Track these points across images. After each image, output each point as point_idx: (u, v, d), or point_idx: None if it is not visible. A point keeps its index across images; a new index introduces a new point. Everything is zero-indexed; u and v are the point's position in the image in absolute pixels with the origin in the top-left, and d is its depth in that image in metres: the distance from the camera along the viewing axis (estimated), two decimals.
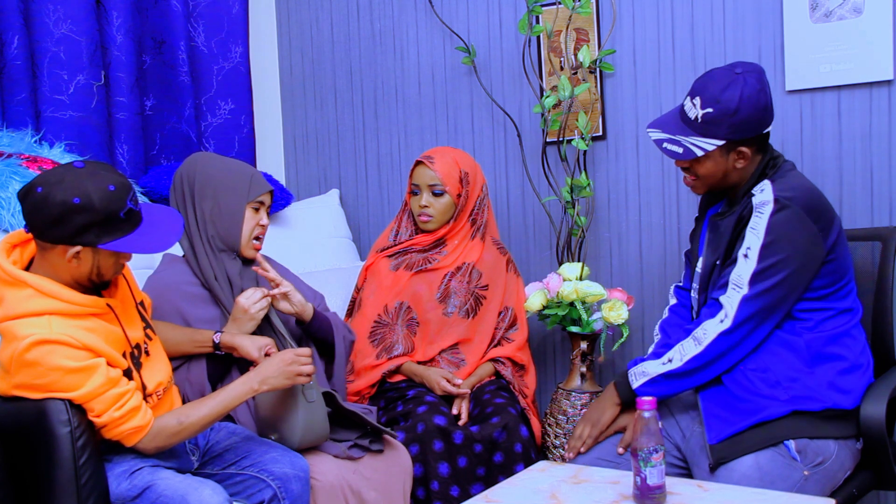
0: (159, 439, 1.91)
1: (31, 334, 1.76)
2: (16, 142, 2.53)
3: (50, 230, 1.79)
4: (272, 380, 2.04)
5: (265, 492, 2.01)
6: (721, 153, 2.05)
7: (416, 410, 2.46)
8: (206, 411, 1.96)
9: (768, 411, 1.96)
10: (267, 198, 2.35)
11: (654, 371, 2.07)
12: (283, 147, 3.59)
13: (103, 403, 1.82)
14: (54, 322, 1.79)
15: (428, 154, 2.73)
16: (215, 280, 2.28)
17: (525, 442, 2.44)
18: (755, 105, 2.00)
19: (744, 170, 2.07)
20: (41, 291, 1.81)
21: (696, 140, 2.04)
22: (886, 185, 2.49)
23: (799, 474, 1.91)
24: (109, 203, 1.79)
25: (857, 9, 2.45)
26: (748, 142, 2.04)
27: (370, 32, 3.35)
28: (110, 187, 1.80)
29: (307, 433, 2.15)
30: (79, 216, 1.77)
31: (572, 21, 2.80)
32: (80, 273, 1.85)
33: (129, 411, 1.85)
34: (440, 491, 2.37)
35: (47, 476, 1.80)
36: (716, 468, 1.94)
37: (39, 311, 1.79)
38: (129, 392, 1.86)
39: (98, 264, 1.85)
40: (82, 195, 1.76)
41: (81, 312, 1.84)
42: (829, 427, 1.96)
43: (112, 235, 1.81)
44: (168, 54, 3.10)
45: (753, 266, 1.96)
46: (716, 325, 2.00)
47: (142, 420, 1.87)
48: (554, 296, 2.70)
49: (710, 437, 1.97)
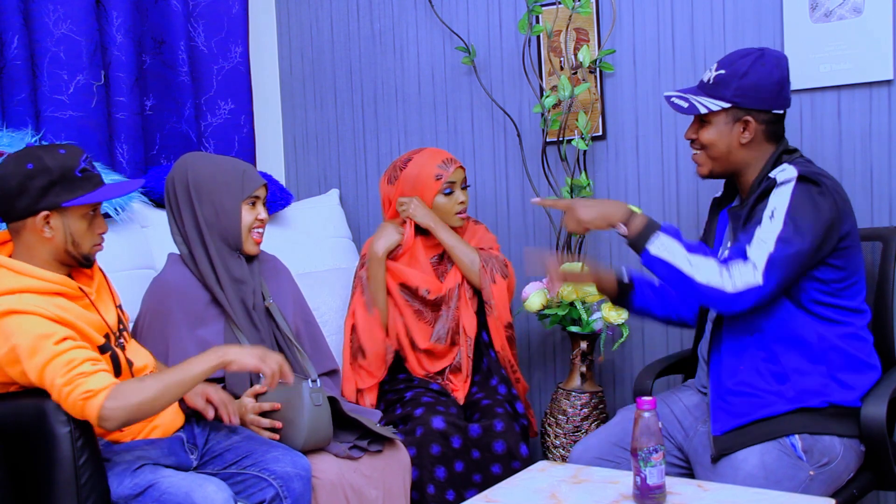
0: (121, 402, 1.77)
1: (2, 307, 1.79)
2: (16, 142, 2.53)
3: (14, 205, 1.86)
4: (238, 353, 1.92)
5: (267, 491, 2.01)
6: (726, 119, 2.05)
7: (414, 413, 2.46)
8: (173, 375, 1.87)
9: (774, 407, 1.96)
10: (262, 191, 2.36)
11: (673, 259, 1.94)
12: (283, 147, 3.59)
13: (51, 373, 1.77)
14: (25, 297, 1.82)
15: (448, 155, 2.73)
16: (217, 283, 2.28)
17: (524, 461, 2.44)
18: (767, 75, 2.01)
19: (750, 152, 2.06)
20: (14, 270, 1.85)
21: (703, 99, 2.06)
22: (886, 185, 2.49)
23: (805, 474, 1.91)
24: (63, 161, 1.87)
25: (857, 9, 2.45)
26: (756, 115, 2.03)
27: (370, 32, 3.35)
28: (60, 150, 1.89)
29: (312, 435, 2.17)
30: (36, 180, 1.84)
31: (572, 21, 2.80)
32: (55, 245, 1.89)
33: (77, 376, 1.77)
34: (436, 495, 2.37)
35: (47, 476, 1.80)
36: (717, 459, 1.94)
37: (12, 288, 1.82)
38: (80, 359, 1.79)
39: (70, 231, 1.90)
40: (34, 160, 1.86)
41: (53, 290, 1.86)
42: (833, 424, 1.96)
43: (73, 193, 1.87)
44: (168, 54, 3.10)
45: (780, 228, 1.90)
46: (747, 274, 1.90)
47: (96, 383, 1.77)
48: (554, 296, 2.70)
49: (715, 429, 1.97)
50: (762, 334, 2.02)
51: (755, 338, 2.02)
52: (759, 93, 2.02)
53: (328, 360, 2.48)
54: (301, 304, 2.51)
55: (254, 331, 2.31)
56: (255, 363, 1.92)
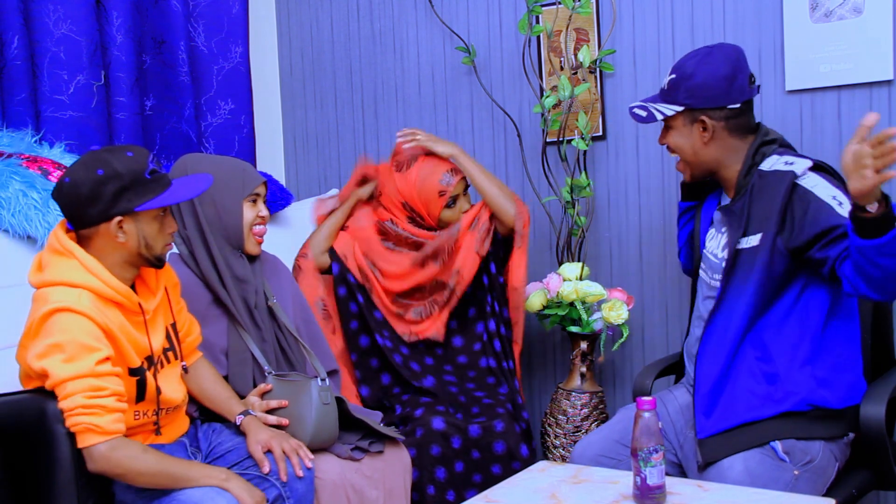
0: (113, 458, 1.78)
1: (60, 300, 1.80)
2: (16, 142, 2.53)
3: (87, 211, 1.86)
4: (241, 490, 1.87)
5: (270, 491, 2.01)
6: (684, 122, 2.09)
7: (414, 414, 2.46)
8: (173, 468, 1.86)
9: (762, 410, 1.96)
10: (262, 189, 2.36)
11: None
12: (283, 147, 3.59)
13: (77, 386, 1.77)
14: (84, 296, 1.83)
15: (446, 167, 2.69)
16: (219, 282, 2.28)
17: (524, 462, 2.43)
18: (713, 73, 2.03)
19: (719, 149, 2.07)
20: (84, 265, 1.86)
21: (660, 105, 2.11)
22: (886, 185, 2.47)
23: (789, 475, 1.91)
24: (132, 165, 1.87)
25: (857, 9, 2.45)
26: (710, 113, 2.05)
27: (370, 32, 3.35)
28: (128, 154, 1.89)
29: (318, 433, 2.18)
30: (107, 186, 1.85)
31: (572, 21, 2.80)
32: (129, 249, 1.90)
33: (98, 406, 1.77)
34: (436, 496, 2.37)
35: (47, 476, 1.80)
36: (705, 468, 1.94)
37: (76, 283, 1.84)
38: (109, 391, 1.80)
39: (143, 234, 1.91)
40: (104, 166, 1.86)
41: (113, 298, 1.88)
42: (817, 427, 1.96)
43: (145, 197, 1.88)
44: (168, 54, 3.10)
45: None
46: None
47: (107, 424, 1.77)
48: (554, 296, 2.70)
49: (700, 432, 1.97)
50: (758, 334, 2.01)
51: (750, 337, 2.02)
52: (708, 91, 2.04)
53: (328, 360, 2.48)
54: (301, 304, 2.51)
55: (256, 330, 2.32)
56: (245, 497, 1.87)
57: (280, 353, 2.36)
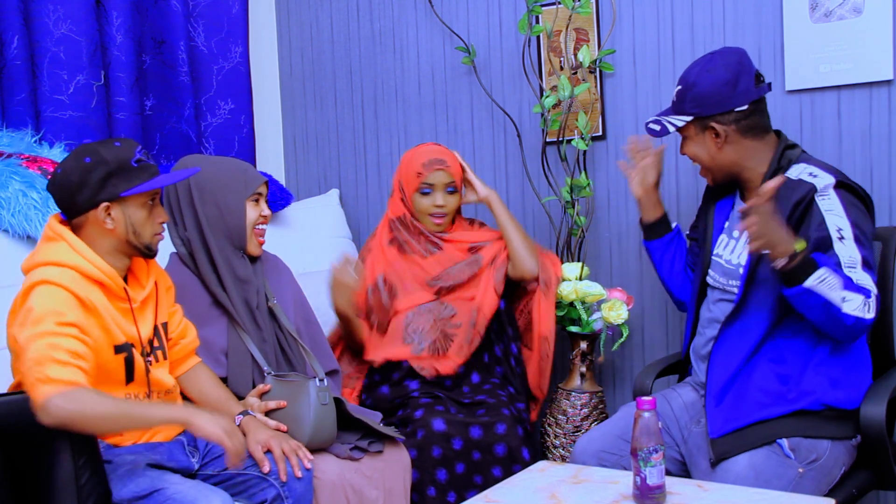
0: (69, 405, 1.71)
1: (42, 275, 1.84)
2: (16, 142, 2.53)
3: (76, 199, 1.90)
4: (206, 421, 1.82)
5: (268, 491, 2.01)
6: (696, 131, 2.11)
7: (414, 415, 2.45)
8: (133, 408, 1.84)
9: (774, 409, 1.96)
10: (263, 188, 2.37)
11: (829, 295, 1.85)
12: (283, 147, 3.59)
13: (36, 346, 1.75)
14: (67, 273, 1.86)
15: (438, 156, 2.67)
16: (219, 284, 2.28)
17: (525, 465, 2.42)
18: (714, 80, 2.05)
19: (736, 152, 2.08)
20: (72, 246, 1.90)
21: (671, 118, 2.13)
22: (886, 185, 2.49)
23: (794, 472, 1.92)
24: (118, 153, 1.92)
25: (856, 9, 2.45)
26: (719, 119, 2.06)
27: (370, 32, 3.35)
28: (115, 143, 1.95)
29: (317, 434, 2.17)
30: (94, 173, 1.89)
31: (572, 21, 2.80)
32: (118, 236, 1.94)
33: (51, 358, 1.73)
34: (437, 497, 2.37)
35: (47, 476, 1.80)
36: (717, 464, 1.94)
37: (62, 262, 1.87)
38: (64, 348, 1.75)
39: (131, 221, 1.94)
40: (92, 154, 1.91)
41: (97, 278, 1.90)
42: (826, 427, 1.97)
43: (130, 183, 1.92)
44: (168, 54, 3.10)
45: (858, 252, 1.90)
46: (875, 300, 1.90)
47: (59, 374, 1.72)
48: None
49: (712, 431, 1.97)
50: (774, 337, 2.02)
51: (767, 339, 2.02)
52: (712, 98, 2.06)
53: (329, 360, 2.47)
54: (302, 304, 2.51)
55: (257, 331, 2.32)
56: (218, 435, 1.81)
57: (280, 354, 2.36)
